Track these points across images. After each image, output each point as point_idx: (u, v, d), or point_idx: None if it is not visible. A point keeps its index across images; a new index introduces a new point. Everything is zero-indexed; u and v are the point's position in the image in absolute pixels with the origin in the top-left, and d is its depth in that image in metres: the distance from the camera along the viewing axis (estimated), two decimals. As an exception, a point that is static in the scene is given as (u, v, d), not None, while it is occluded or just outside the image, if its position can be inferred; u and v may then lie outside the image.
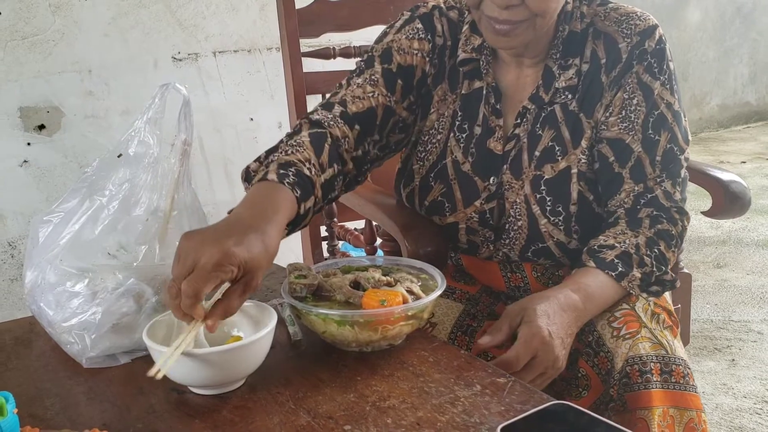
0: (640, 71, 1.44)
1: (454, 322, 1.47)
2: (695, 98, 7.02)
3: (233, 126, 3.12)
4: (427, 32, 1.54)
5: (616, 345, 1.33)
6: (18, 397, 1.04)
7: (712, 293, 3.49)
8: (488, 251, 1.56)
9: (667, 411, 1.28)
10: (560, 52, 1.47)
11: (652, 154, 1.44)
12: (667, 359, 1.30)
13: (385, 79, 1.51)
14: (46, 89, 2.74)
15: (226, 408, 1.11)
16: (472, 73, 1.53)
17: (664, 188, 1.44)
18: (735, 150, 6.40)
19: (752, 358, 2.88)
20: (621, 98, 1.45)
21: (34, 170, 2.76)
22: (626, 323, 1.34)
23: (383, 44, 1.55)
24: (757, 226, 4.37)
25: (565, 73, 1.47)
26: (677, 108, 1.46)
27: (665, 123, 1.45)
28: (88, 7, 2.77)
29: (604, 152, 1.46)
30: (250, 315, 1.25)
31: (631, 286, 1.37)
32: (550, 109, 1.48)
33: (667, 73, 1.46)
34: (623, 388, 1.30)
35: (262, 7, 3.09)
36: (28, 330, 1.42)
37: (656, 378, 1.28)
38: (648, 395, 1.27)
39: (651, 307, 1.37)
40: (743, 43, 7.20)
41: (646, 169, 1.44)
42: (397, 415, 1.06)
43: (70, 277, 1.26)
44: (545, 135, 1.48)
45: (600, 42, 1.46)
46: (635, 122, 1.44)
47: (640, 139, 1.44)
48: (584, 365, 1.38)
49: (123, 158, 1.32)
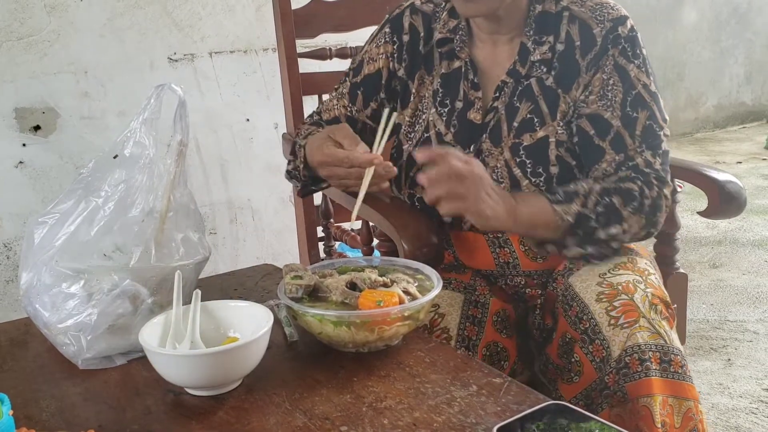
0: (616, 54, 1.53)
1: (461, 312, 1.48)
2: (691, 98, 7.02)
3: (229, 127, 3.12)
4: (393, 34, 1.70)
5: (613, 333, 1.34)
6: (13, 398, 1.04)
7: (707, 293, 3.50)
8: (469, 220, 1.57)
9: (666, 400, 1.30)
10: (533, 30, 1.57)
11: (631, 129, 1.51)
12: (666, 349, 1.32)
13: (349, 92, 1.75)
14: (41, 90, 2.74)
15: (223, 409, 1.11)
16: (449, 53, 1.65)
17: (644, 157, 1.50)
18: (731, 150, 6.41)
19: (748, 357, 2.88)
20: (600, 78, 1.53)
21: (30, 171, 2.76)
22: (625, 312, 1.36)
23: (359, 57, 1.76)
24: (753, 226, 4.37)
25: (540, 48, 1.56)
26: (653, 89, 1.54)
27: (643, 102, 1.52)
28: (84, 7, 2.77)
29: (583, 126, 1.54)
30: (246, 316, 1.25)
31: (563, 218, 1.42)
32: (527, 82, 1.57)
33: (641, 57, 1.54)
34: (623, 378, 1.31)
35: (258, 8, 3.08)
36: (23, 331, 1.42)
37: (655, 366, 1.30)
38: (649, 383, 1.30)
39: (649, 298, 1.38)
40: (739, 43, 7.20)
41: (626, 140, 1.51)
42: (393, 415, 1.06)
43: (66, 279, 1.25)
44: (523, 107, 1.57)
45: (575, 26, 1.55)
46: (613, 101, 1.52)
47: (619, 116, 1.51)
48: (579, 352, 1.40)
49: (119, 159, 1.31)
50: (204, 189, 3.09)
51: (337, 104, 1.75)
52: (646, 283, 1.41)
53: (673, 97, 6.86)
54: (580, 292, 1.43)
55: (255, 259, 3.14)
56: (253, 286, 1.58)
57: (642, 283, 1.41)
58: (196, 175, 3.05)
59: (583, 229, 1.43)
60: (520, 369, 1.52)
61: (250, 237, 3.23)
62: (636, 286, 1.39)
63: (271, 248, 3.27)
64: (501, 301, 1.54)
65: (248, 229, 3.22)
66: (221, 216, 3.14)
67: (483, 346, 1.45)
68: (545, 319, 1.55)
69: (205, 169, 3.09)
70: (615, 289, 1.39)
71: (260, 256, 3.20)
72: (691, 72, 6.96)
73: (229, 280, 1.63)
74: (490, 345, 1.46)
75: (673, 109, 6.87)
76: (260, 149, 3.17)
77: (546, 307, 1.56)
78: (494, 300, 1.53)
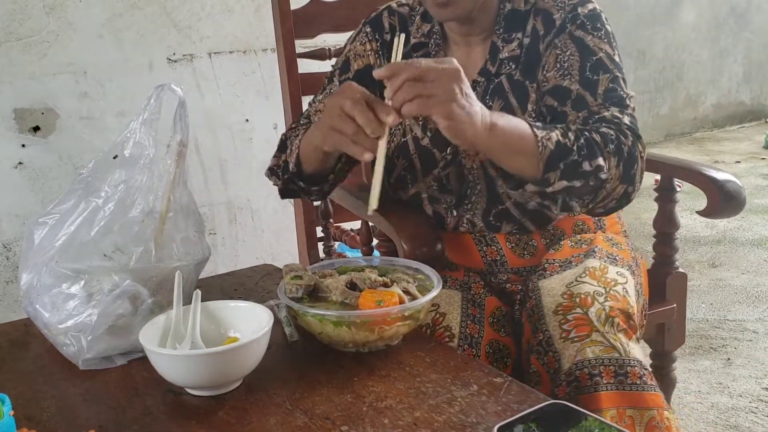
0: (573, 29, 1.51)
1: (461, 311, 1.48)
2: (690, 98, 7.02)
3: (228, 127, 3.12)
4: (375, 32, 1.68)
5: (564, 347, 1.34)
6: (14, 399, 1.04)
7: (707, 293, 3.50)
8: (453, 220, 1.60)
9: (623, 412, 1.29)
10: (503, 28, 1.56)
11: (592, 89, 1.47)
12: (621, 362, 1.31)
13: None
14: (40, 91, 2.74)
15: (223, 409, 1.11)
16: (425, 57, 1.61)
17: (611, 112, 1.44)
18: (730, 150, 6.41)
19: (747, 357, 2.88)
20: (554, 54, 1.52)
21: (29, 172, 2.76)
22: (576, 326, 1.35)
23: (342, 56, 1.72)
24: (752, 226, 4.37)
25: (508, 46, 1.56)
26: (617, 60, 1.50)
27: (605, 67, 1.48)
28: (83, 8, 2.77)
29: (548, 103, 1.51)
30: (246, 316, 1.25)
31: (544, 144, 1.34)
32: (498, 80, 1.56)
33: (603, 30, 1.51)
34: (574, 390, 1.31)
35: (257, 8, 3.08)
36: (24, 332, 1.42)
37: (607, 380, 1.29)
38: (597, 397, 1.29)
39: (606, 311, 1.36)
40: (737, 42, 7.20)
41: (588, 99, 1.47)
42: (394, 415, 1.06)
43: (66, 279, 1.25)
44: (495, 105, 1.55)
45: (539, 18, 1.55)
46: (570, 69, 1.49)
47: (578, 80, 1.48)
48: (535, 362, 1.39)
49: (118, 159, 1.31)
50: (203, 189, 3.09)
51: None
52: (608, 295, 1.40)
53: (672, 97, 6.86)
54: (543, 300, 1.42)
55: (255, 259, 3.14)
56: (253, 286, 1.58)
57: (603, 295, 1.40)
58: (195, 175, 3.05)
59: (564, 162, 1.35)
60: (524, 367, 1.50)
61: (249, 237, 3.23)
62: (595, 299, 1.38)
63: (270, 248, 3.27)
64: (496, 299, 1.55)
65: (248, 229, 3.22)
66: (221, 216, 3.15)
67: (486, 343, 1.45)
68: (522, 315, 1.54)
69: (205, 170, 3.10)
70: (572, 302, 1.38)
71: (260, 257, 3.20)
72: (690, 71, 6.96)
73: (229, 281, 1.63)
74: (492, 343, 1.46)
75: (672, 109, 6.87)
76: (259, 149, 3.17)
77: (523, 304, 1.55)
78: (489, 299, 1.53)
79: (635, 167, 1.41)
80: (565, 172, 1.35)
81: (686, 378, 2.71)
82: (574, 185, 1.37)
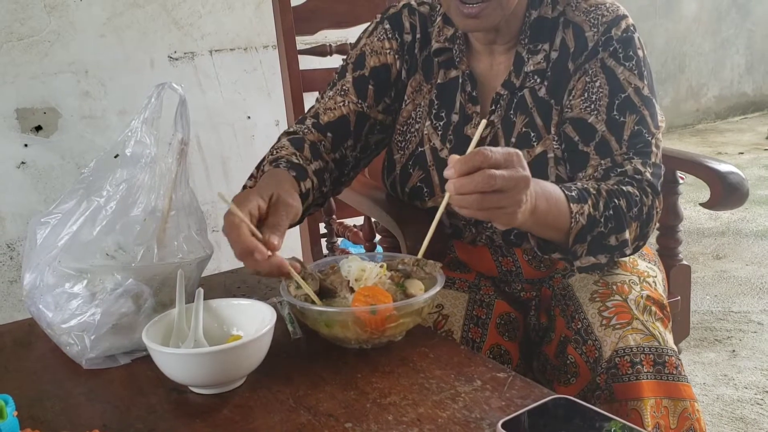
0: (605, 57, 1.44)
1: (464, 313, 1.47)
2: (692, 90, 7.02)
3: (230, 124, 3.12)
4: (395, 31, 1.60)
5: (605, 334, 1.33)
6: (18, 399, 1.04)
7: (711, 284, 3.50)
8: (471, 235, 1.57)
9: (660, 402, 1.28)
10: (528, 38, 1.49)
11: (618, 134, 1.42)
12: (660, 350, 1.30)
13: (355, 87, 1.59)
14: (42, 90, 2.74)
15: (227, 407, 1.11)
16: (447, 62, 1.57)
17: (634, 165, 1.40)
18: (732, 141, 6.40)
19: (752, 348, 2.88)
20: (583, 81, 1.45)
21: (32, 171, 2.76)
22: (617, 313, 1.34)
23: (357, 50, 1.63)
24: (756, 217, 4.37)
25: (534, 58, 1.49)
26: (647, 93, 1.44)
27: (632, 106, 1.43)
28: (84, 7, 2.77)
29: (567, 132, 1.46)
30: (249, 314, 1.25)
31: (576, 219, 1.30)
32: (521, 94, 1.50)
33: (634, 59, 1.44)
34: (611, 378, 1.30)
35: (257, 5, 3.08)
36: (27, 332, 1.42)
37: (647, 369, 1.29)
38: (639, 386, 1.28)
39: (643, 300, 1.36)
40: (739, 33, 7.20)
41: (612, 145, 1.42)
42: (397, 411, 1.06)
43: (69, 279, 1.25)
44: (518, 120, 1.50)
45: (569, 31, 1.47)
46: (597, 103, 1.43)
47: (605, 119, 1.42)
48: (572, 352, 1.38)
49: (120, 158, 1.31)
50: (206, 187, 3.09)
51: (342, 101, 1.58)
52: (642, 285, 1.40)
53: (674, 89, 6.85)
54: (576, 291, 1.41)
55: (258, 256, 3.13)
56: (256, 284, 1.58)
57: (638, 284, 1.39)
58: (197, 173, 3.05)
59: (591, 234, 1.32)
60: (522, 372, 1.49)
61: (252, 234, 3.22)
62: (631, 287, 1.38)
63: (273, 245, 3.26)
64: (506, 304, 1.53)
65: (251, 226, 3.21)
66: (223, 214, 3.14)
67: (487, 348, 1.45)
68: (540, 318, 1.54)
69: (207, 167, 3.10)
70: (609, 289, 1.38)
71: (263, 254, 3.19)
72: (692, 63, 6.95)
73: (232, 278, 1.62)
74: (494, 348, 1.45)
75: (675, 101, 6.86)
76: (262, 146, 3.15)
77: (541, 305, 1.55)
78: (499, 302, 1.52)
79: (650, 225, 1.40)
80: (591, 244, 1.33)
81: (691, 370, 2.71)
82: (600, 262, 1.36)
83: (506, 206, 1.14)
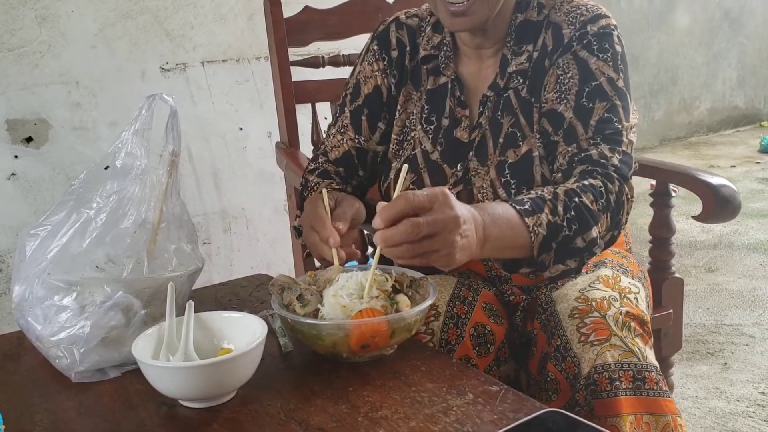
0: (578, 49, 1.47)
1: (452, 291, 1.46)
2: (684, 102, 7.04)
3: (222, 136, 3.12)
4: (382, 50, 1.65)
5: (583, 350, 1.32)
6: (6, 413, 1.04)
7: (703, 297, 3.50)
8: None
9: (641, 418, 1.28)
10: (513, 40, 1.53)
11: (584, 120, 1.43)
12: (640, 366, 1.30)
13: (352, 122, 1.66)
14: (33, 101, 2.73)
15: (217, 421, 1.10)
16: (435, 69, 1.61)
17: (600, 150, 1.40)
18: (725, 154, 6.42)
19: (744, 361, 2.88)
20: (555, 75, 1.48)
21: (22, 183, 2.75)
22: (595, 330, 1.33)
23: (353, 78, 1.69)
24: (748, 230, 4.38)
25: (517, 59, 1.52)
26: (621, 85, 1.45)
27: (603, 94, 1.44)
28: (75, 18, 2.76)
29: (544, 126, 1.48)
30: (240, 327, 1.24)
31: (536, 231, 1.28)
32: (506, 95, 1.53)
33: (610, 51, 1.46)
34: (591, 395, 1.30)
35: (250, 17, 3.08)
36: (16, 345, 1.41)
37: (626, 386, 1.28)
38: (617, 402, 1.28)
39: (622, 316, 1.35)
40: (731, 47, 7.23)
41: (579, 131, 1.43)
42: (389, 425, 1.05)
43: (58, 291, 1.25)
44: (505, 121, 1.52)
45: (549, 31, 1.51)
46: (567, 93, 1.45)
47: (572, 107, 1.44)
48: (553, 369, 1.37)
49: (110, 170, 1.31)
50: (197, 199, 3.08)
51: (342, 139, 1.65)
52: (622, 302, 1.39)
53: (667, 101, 6.87)
54: (558, 307, 1.41)
55: (249, 268, 3.13)
56: (247, 297, 1.57)
57: (618, 300, 1.39)
58: (189, 184, 3.05)
59: (557, 241, 1.31)
60: (504, 356, 1.47)
61: (244, 246, 3.22)
62: (611, 304, 1.37)
63: (265, 257, 3.26)
64: (494, 297, 1.53)
65: (242, 238, 3.21)
66: (215, 226, 3.14)
67: (471, 325, 1.43)
68: (526, 325, 1.53)
69: (198, 179, 3.09)
70: (588, 305, 1.37)
71: (255, 266, 3.19)
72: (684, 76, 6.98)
73: (223, 291, 1.62)
74: (478, 326, 1.43)
75: (667, 113, 6.88)
76: (254, 158, 3.16)
77: (528, 311, 1.54)
78: (486, 292, 1.51)
79: (621, 212, 1.40)
80: (558, 252, 1.32)
81: (683, 383, 2.71)
82: (570, 267, 1.36)
83: (439, 249, 1.14)
